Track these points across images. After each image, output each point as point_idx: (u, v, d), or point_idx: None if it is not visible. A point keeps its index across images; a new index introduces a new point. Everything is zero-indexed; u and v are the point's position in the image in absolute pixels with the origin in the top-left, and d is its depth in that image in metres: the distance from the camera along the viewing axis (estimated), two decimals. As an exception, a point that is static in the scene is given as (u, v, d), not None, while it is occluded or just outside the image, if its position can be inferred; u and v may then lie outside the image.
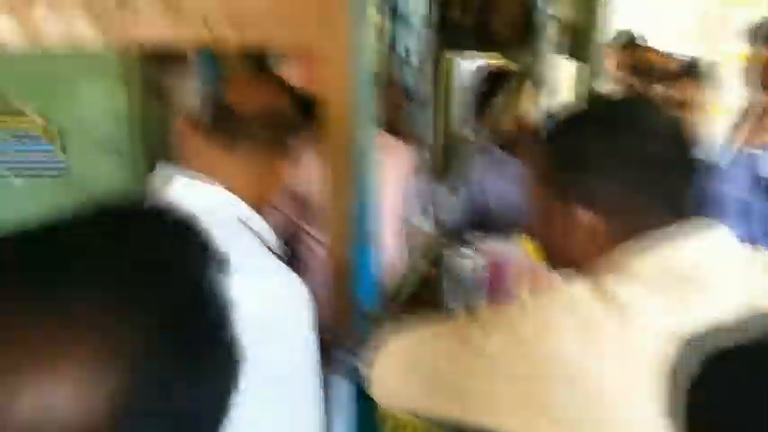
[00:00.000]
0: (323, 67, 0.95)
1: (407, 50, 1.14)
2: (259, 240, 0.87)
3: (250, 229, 0.88)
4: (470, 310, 0.99)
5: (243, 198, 0.88)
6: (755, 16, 1.62)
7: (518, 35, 1.81)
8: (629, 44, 2.75)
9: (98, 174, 1.28)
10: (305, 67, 1.28)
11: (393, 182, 1.78)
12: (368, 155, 0.99)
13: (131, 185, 1.28)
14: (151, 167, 1.28)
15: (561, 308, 0.65)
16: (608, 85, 2.21)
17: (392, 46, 1.13)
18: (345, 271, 1.03)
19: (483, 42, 2.23)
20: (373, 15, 0.98)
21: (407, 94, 1.16)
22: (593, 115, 0.75)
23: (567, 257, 0.74)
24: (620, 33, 2.76)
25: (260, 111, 0.90)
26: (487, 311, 0.78)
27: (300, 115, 0.98)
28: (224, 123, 0.89)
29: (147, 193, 0.89)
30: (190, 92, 1.34)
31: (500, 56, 2.71)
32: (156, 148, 1.30)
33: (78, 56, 1.27)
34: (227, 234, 0.76)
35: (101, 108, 1.27)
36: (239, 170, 0.88)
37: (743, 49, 1.67)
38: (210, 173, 0.86)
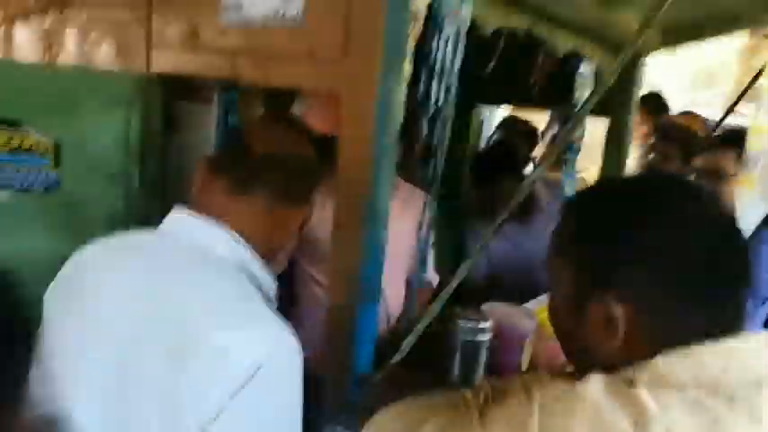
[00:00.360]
0: (345, 115, 0.90)
1: (436, 103, 1.09)
2: (255, 287, 0.85)
3: (250, 274, 0.85)
4: (473, 388, 0.91)
5: (253, 242, 0.86)
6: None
7: (554, 91, 1.78)
8: (660, 108, 2.68)
9: (90, 194, 1.25)
10: (327, 110, 1.25)
11: (408, 231, 1.74)
12: (381, 211, 0.94)
13: (123, 210, 1.24)
14: (146, 196, 1.26)
15: (576, 415, 0.57)
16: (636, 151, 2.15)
17: (422, 98, 1.08)
18: (345, 331, 0.97)
19: (518, 97, 2.21)
20: (407, 67, 0.94)
21: (430, 147, 1.12)
22: (646, 195, 0.65)
23: (586, 349, 0.66)
24: (649, 96, 2.66)
25: (277, 155, 0.88)
26: (493, 400, 0.69)
27: (319, 162, 0.95)
28: (240, 165, 0.87)
29: (150, 226, 0.88)
30: (208, 127, 1.32)
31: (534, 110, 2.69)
32: (155, 179, 1.27)
33: (91, 76, 1.26)
34: (224, 276, 0.83)
35: (105, 130, 1.24)
36: (251, 214, 0.87)
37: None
38: (222, 214, 0.85)
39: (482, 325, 1.09)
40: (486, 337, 1.09)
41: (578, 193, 0.77)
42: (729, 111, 1.90)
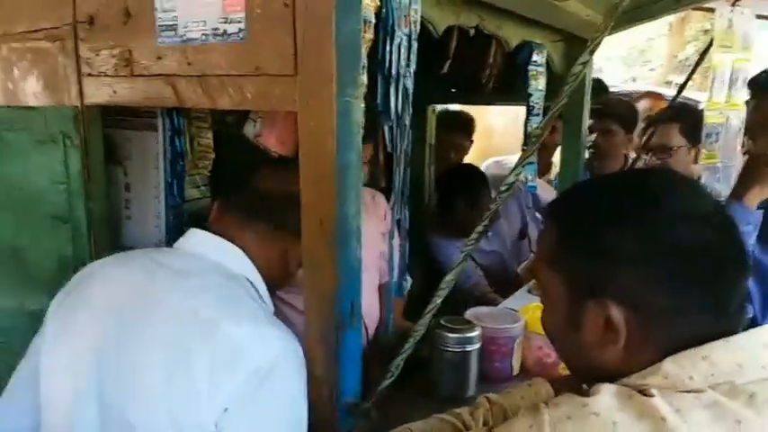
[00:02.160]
0: (303, 134, 0.85)
1: (395, 107, 1.05)
2: (259, 300, 0.93)
3: (254, 289, 0.94)
4: (471, 406, 0.87)
5: (257, 265, 0.95)
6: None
7: (508, 85, 1.77)
8: (601, 91, 2.72)
9: (33, 239, 1.17)
10: (283, 130, 1.18)
11: (373, 236, 1.70)
12: (351, 228, 0.89)
13: (73, 254, 1.15)
14: (97, 236, 1.17)
15: (588, 428, 0.53)
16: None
17: (381, 106, 1.04)
18: (327, 357, 0.92)
19: (473, 94, 2.20)
20: (362, 77, 0.89)
21: (389, 150, 1.08)
22: (630, 194, 0.61)
23: (588, 359, 0.62)
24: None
25: (279, 191, 0.96)
26: (495, 423, 0.65)
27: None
28: (247, 200, 0.97)
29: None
30: (153, 154, 1.23)
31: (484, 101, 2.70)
32: (104, 216, 1.19)
33: (20, 114, 1.16)
34: (235, 285, 0.89)
35: (40, 170, 1.15)
36: (257, 240, 0.96)
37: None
38: (233, 239, 0.94)
39: (470, 334, 1.06)
40: (475, 347, 1.06)
41: (559, 197, 0.74)
42: (682, 87, 1.93)
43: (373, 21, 0.97)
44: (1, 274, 1.24)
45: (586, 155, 2.12)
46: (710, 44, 1.66)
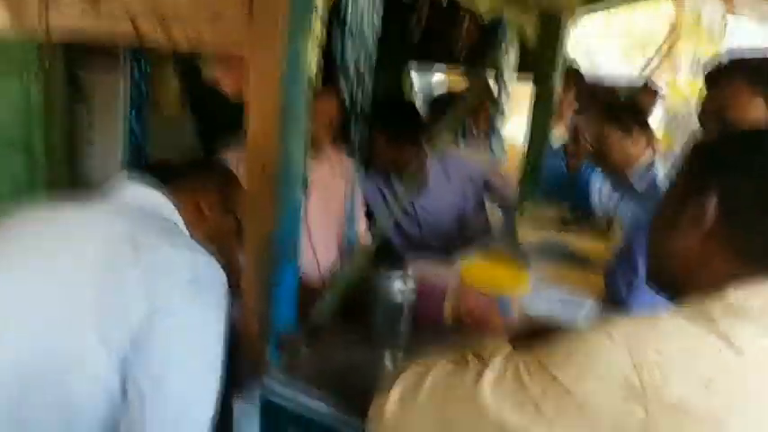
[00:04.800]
0: (252, 77, 0.89)
1: (354, 63, 1.09)
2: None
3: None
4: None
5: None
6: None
7: (476, 53, 1.80)
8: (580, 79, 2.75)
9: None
10: (238, 73, 1.22)
11: (340, 192, 1.76)
12: (294, 171, 0.93)
13: (27, 181, 1.19)
14: (51, 167, 1.20)
15: (660, 330, 0.57)
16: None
17: (336, 57, 1.07)
18: (262, 292, 0.98)
19: (446, 59, 2.21)
20: (316, 25, 0.93)
21: (346, 106, 1.12)
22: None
23: (674, 246, 0.69)
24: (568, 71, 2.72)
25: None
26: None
27: None
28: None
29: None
30: (117, 98, 1.26)
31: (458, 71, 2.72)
32: (61, 149, 1.22)
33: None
34: (172, 226, 0.95)
35: (2, 98, 1.17)
36: (186, 208, 0.99)
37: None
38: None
39: (404, 282, 1.12)
40: (407, 292, 1.12)
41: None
42: (647, 72, 1.97)
43: (333, -25, 1.01)
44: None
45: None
46: (673, 31, 1.70)
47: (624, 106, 1.97)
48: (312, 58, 0.90)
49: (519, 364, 0.61)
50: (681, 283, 0.68)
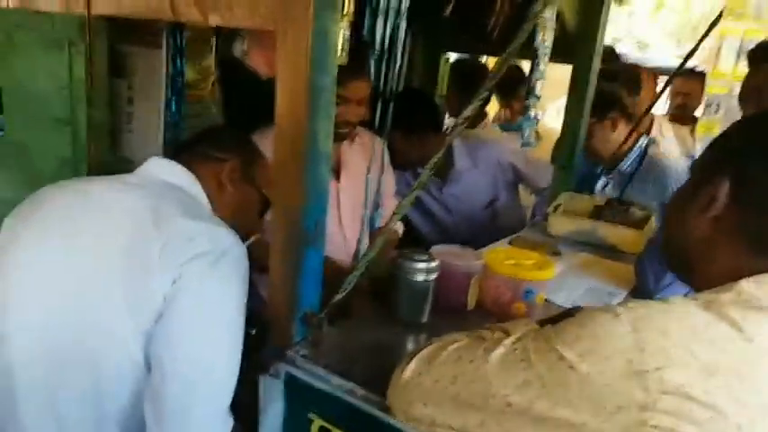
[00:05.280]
0: (281, 53, 0.89)
1: (384, 43, 1.08)
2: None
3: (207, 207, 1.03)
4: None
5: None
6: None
7: (511, 33, 1.75)
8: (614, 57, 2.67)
9: (37, 140, 1.24)
10: (266, 47, 1.22)
11: (362, 173, 1.76)
12: (321, 149, 0.94)
13: (72, 157, 1.23)
14: (95, 142, 1.24)
15: (672, 316, 0.57)
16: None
17: (366, 37, 1.07)
18: (289, 269, 0.99)
19: (479, 43, 2.17)
20: (345, 4, 0.92)
21: (378, 88, 1.11)
22: None
23: (686, 228, 0.69)
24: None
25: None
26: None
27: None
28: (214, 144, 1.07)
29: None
30: (158, 72, 1.29)
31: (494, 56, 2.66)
32: (103, 125, 1.25)
33: (30, 18, 1.21)
34: (193, 201, 0.98)
35: (47, 74, 1.21)
36: (211, 179, 1.05)
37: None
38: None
39: (426, 264, 1.11)
40: (430, 277, 1.12)
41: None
42: (689, 57, 1.90)
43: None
44: (8, 167, 1.33)
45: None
46: (721, 14, 1.62)
47: (600, 92, 1.96)
48: (340, 35, 0.90)
49: (528, 343, 0.63)
50: (692, 267, 0.69)
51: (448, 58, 2.53)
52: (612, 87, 2.04)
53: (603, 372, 0.55)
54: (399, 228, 1.94)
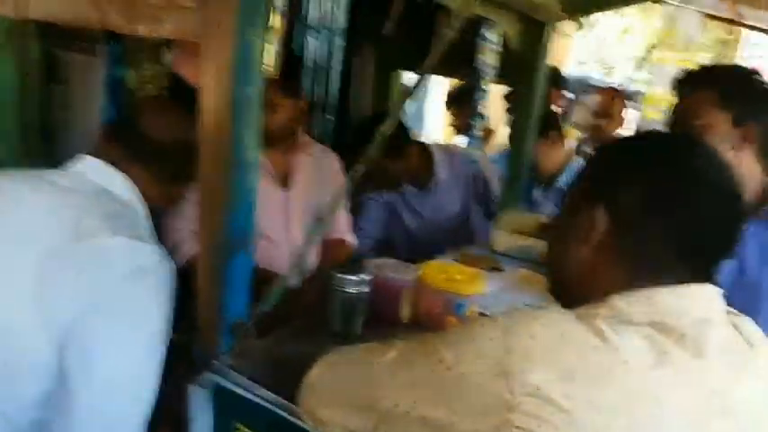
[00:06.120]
0: (204, 65, 0.90)
1: (316, 60, 1.10)
2: (139, 222, 1.00)
3: (137, 214, 1.01)
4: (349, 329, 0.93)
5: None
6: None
7: (458, 58, 1.80)
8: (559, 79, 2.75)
9: None
10: (194, 57, 1.23)
11: (317, 185, 1.78)
12: (247, 157, 0.94)
13: (4, 167, 1.20)
14: (29, 152, 1.22)
15: (539, 321, 0.60)
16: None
17: (297, 52, 1.09)
18: (215, 279, 0.99)
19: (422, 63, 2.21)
20: (273, 18, 0.94)
21: (313, 102, 1.13)
22: (670, 146, 0.70)
23: (568, 258, 0.71)
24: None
25: (171, 141, 1.02)
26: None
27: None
28: (135, 142, 1.02)
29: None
30: (95, 80, 1.28)
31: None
32: (38, 133, 1.23)
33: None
34: (120, 209, 0.96)
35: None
36: (140, 179, 1.02)
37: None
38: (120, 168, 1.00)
39: (358, 277, 1.13)
40: (363, 289, 1.13)
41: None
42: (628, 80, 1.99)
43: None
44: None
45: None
46: (655, 44, 1.71)
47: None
48: (267, 50, 0.92)
49: (417, 346, 0.65)
50: (573, 292, 0.69)
51: (399, 76, 2.57)
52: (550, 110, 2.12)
53: (476, 373, 0.57)
54: (353, 239, 1.96)
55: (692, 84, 1.29)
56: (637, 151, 0.71)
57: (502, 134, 2.90)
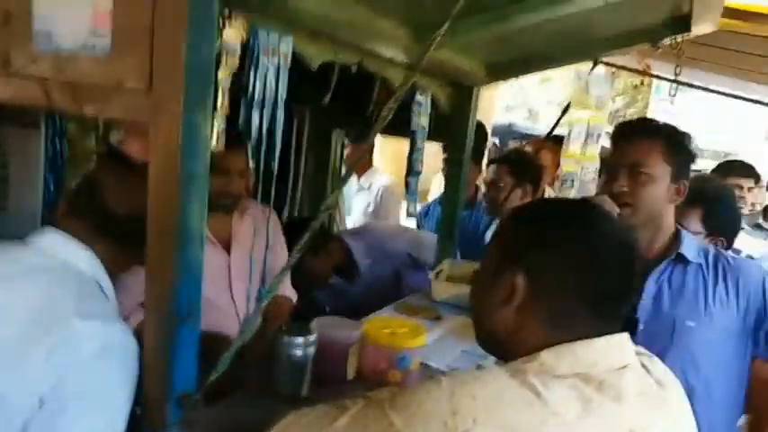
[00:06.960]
0: (152, 145, 0.94)
1: (256, 130, 1.17)
2: (105, 297, 1.03)
3: (101, 288, 1.03)
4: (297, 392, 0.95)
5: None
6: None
7: (394, 122, 1.91)
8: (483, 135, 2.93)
9: None
10: (139, 136, 1.27)
11: (258, 245, 1.80)
12: (194, 230, 0.98)
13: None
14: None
15: (480, 382, 0.67)
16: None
17: (242, 128, 1.15)
18: (161, 351, 0.99)
19: (359, 127, 2.34)
20: (220, 98, 1.01)
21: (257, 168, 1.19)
22: (576, 211, 0.80)
23: (488, 316, 0.78)
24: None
25: (133, 213, 1.02)
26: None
27: None
28: (99, 220, 1.04)
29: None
30: (33, 151, 1.29)
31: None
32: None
33: None
34: (87, 288, 0.98)
35: None
36: (103, 253, 1.04)
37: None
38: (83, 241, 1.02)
39: (305, 339, 1.16)
40: (309, 351, 1.17)
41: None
42: (548, 135, 2.16)
43: (238, 50, 1.09)
44: None
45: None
46: (569, 105, 1.89)
47: (519, 159, 2.20)
48: (213, 128, 0.97)
49: (369, 410, 0.69)
50: (503, 347, 0.77)
51: (340, 134, 2.68)
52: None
53: None
54: (293, 295, 1.98)
55: (636, 131, 1.36)
56: (547, 218, 0.80)
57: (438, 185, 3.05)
